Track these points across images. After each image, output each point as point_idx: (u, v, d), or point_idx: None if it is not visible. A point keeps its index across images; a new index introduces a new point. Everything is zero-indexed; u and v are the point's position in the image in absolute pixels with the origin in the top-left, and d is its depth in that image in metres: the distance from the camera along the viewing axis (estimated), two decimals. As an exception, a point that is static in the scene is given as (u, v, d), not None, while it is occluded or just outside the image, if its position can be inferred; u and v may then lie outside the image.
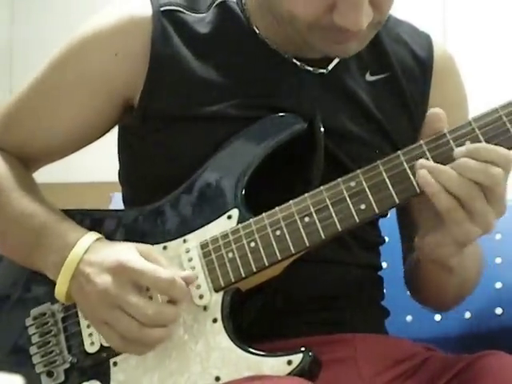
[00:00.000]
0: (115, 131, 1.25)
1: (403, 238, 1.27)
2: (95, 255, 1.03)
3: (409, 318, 1.38)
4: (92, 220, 1.11)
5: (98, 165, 2.54)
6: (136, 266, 1.00)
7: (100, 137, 1.20)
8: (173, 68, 1.11)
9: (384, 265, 1.29)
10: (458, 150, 0.98)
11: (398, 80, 1.19)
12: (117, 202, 1.25)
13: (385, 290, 1.24)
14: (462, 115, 1.15)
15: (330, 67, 1.15)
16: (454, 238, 1.00)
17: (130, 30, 1.12)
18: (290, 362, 0.97)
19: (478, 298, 1.34)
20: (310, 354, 0.98)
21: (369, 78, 1.17)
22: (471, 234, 0.99)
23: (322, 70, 1.15)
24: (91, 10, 1.20)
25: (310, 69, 1.14)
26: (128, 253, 1.02)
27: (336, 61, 1.15)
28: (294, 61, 1.14)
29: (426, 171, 0.98)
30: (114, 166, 1.24)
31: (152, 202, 1.11)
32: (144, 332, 0.99)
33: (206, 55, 1.12)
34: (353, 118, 1.15)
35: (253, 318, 1.06)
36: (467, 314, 1.36)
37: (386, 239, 1.28)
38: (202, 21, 1.14)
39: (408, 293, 1.40)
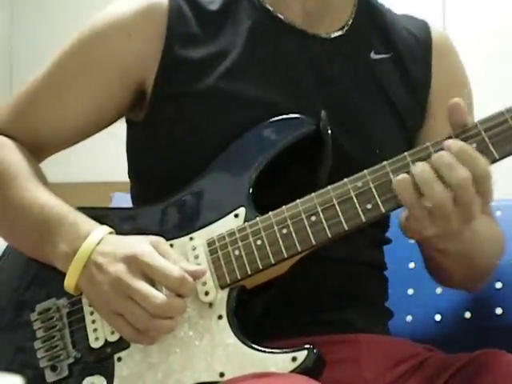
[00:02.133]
0: (117, 132, 1.26)
1: None
2: (108, 246, 1.04)
3: (409, 318, 1.38)
4: (97, 217, 1.11)
5: (98, 165, 2.54)
6: (148, 260, 1.01)
7: (109, 124, 1.21)
8: (187, 45, 1.14)
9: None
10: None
11: (402, 59, 1.22)
12: (117, 202, 1.24)
13: (385, 291, 1.25)
14: (465, 92, 1.16)
15: (339, 33, 1.19)
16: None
17: (147, 13, 1.15)
18: (294, 359, 0.98)
19: (478, 298, 1.35)
20: (315, 351, 0.99)
21: (374, 56, 1.20)
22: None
23: (334, 34, 1.19)
24: (91, 10, 1.21)
25: (322, 35, 1.18)
26: (141, 245, 1.03)
27: (341, 32, 1.20)
28: (304, 29, 1.17)
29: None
30: (114, 166, 1.24)
31: (161, 197, 1.11)
32: (153, 323, 0.99)
33: (218, 31, 1.16)
34: (360, 87, 1.18)
35: (257, 316, 1.07)
36: (467, 314, 1.36)
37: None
38: (212, 2, 1.18)
39: (408, 292, 1.40)
